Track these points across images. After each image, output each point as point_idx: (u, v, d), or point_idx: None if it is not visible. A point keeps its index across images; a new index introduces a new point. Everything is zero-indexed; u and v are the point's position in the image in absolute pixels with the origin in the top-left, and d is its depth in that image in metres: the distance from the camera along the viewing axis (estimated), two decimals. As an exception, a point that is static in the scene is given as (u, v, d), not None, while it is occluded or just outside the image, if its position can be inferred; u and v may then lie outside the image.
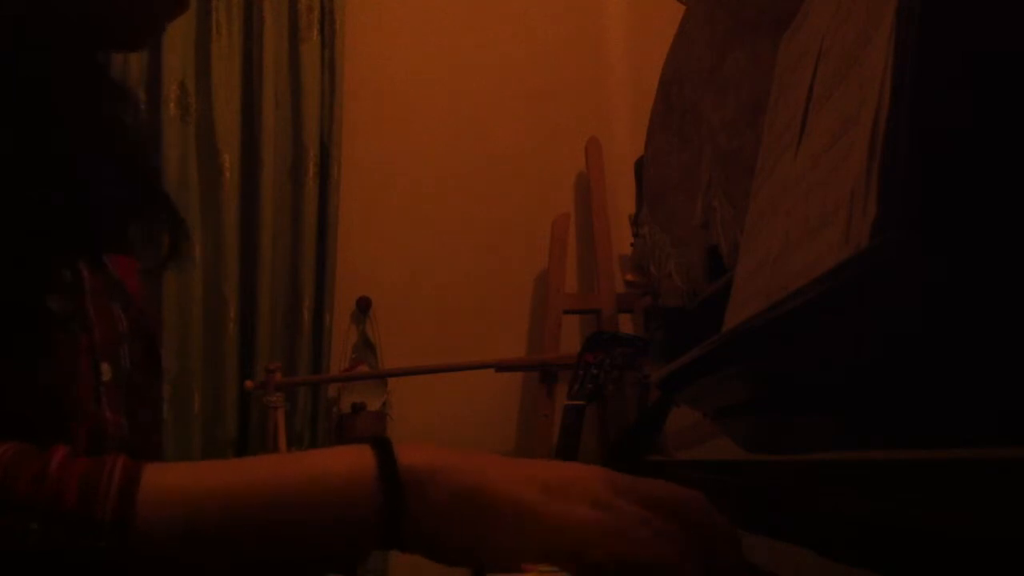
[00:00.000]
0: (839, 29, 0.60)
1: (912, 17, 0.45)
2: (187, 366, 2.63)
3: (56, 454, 0.47)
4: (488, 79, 2.96)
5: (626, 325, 2.72)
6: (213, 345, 2.67)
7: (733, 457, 0.77)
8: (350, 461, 0.50)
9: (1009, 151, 0.40)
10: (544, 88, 2.96)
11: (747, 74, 0.95)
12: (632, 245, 2.60)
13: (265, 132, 2.71)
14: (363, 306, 2.82)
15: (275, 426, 2.50)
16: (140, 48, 0.68)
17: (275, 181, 2.73)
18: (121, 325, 0.65)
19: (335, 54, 2.79)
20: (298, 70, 2.77)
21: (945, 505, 0.37)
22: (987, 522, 0.34)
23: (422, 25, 2.95)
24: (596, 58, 3.02)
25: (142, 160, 0.71)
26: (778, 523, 0.54)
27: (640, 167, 1.77)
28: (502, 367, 2.63)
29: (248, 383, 2.57)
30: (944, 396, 0.42)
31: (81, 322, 0.60)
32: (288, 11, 2.79)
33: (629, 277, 2.69)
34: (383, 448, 0.50)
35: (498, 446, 2.81)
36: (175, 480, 0.48)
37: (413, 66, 2.92)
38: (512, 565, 0.48)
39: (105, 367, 0.61)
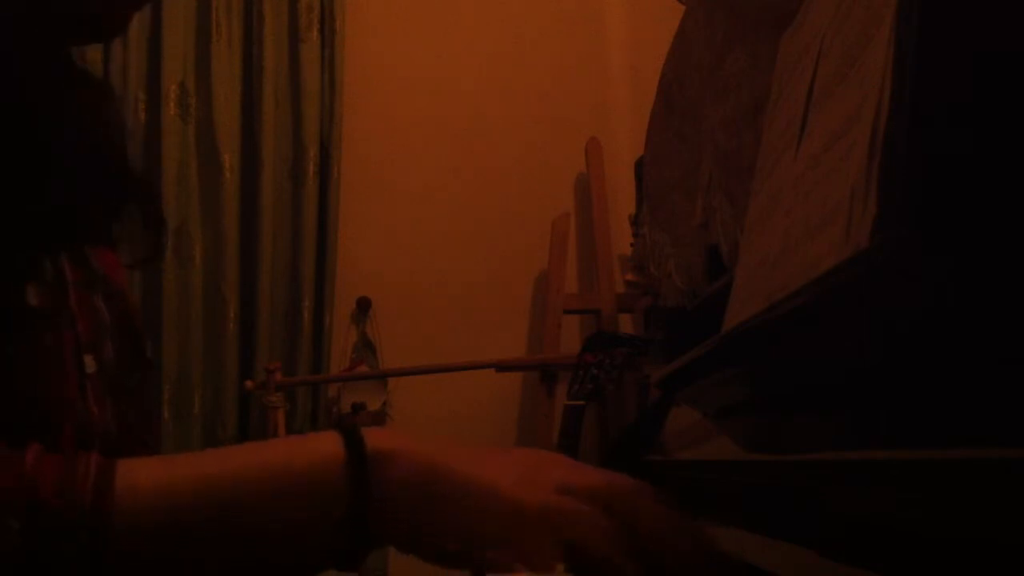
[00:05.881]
0: (839, 29, 0.60)
1: (912, 17, 0.45)
2: (187, 366, 2.63)
3: (29, 452, 0.47)
4: (488, 79, 2.96)
5: (626, 325, 2.72)
6: (213, 345, 2.67)
7: (733, 457, 0.77)
8: (320, 445, 0.52)
9: (1009, 151, 0.40)
10: (544, 88, 2.96)
11: (747, 74, 0.95)
12: (632, 245, 2.60)
13: (265, 132, 2.71)
14: (363, 306, 2.82)
15: (275, 426, 2.50)
16: (109, 40, 0.69)
17: (275, 181, 2.73)
18: (104, 318, 0.65)
19: (335, 54, 2.79)
20: (298, 70, 2.77)
21: (945, 505, 0.37)
22: (987, 522, 0.34)
23: (422, 25, 2.95)
24: (596, 58, 3.02)
25: (122, 154, 0.72)
26: (778, 523, 0.54)
27: (640, 167, 1.76)
28: (502, 367, 2.63)
29: (248, 383, 2.57)
30: (944, 396, 0.42)
31: (64, 316, 0.60)
32: (288, 11, 2.79)
33: (629, 277, 2.69)
34: (351, 432, 0.52)
35: (498, 446, 2.81)
36: (149, 470, 0.49)
37: (413, 66, 2.92)
38: (501, 562, 0.50)
39: (89, 360, 0.62)
